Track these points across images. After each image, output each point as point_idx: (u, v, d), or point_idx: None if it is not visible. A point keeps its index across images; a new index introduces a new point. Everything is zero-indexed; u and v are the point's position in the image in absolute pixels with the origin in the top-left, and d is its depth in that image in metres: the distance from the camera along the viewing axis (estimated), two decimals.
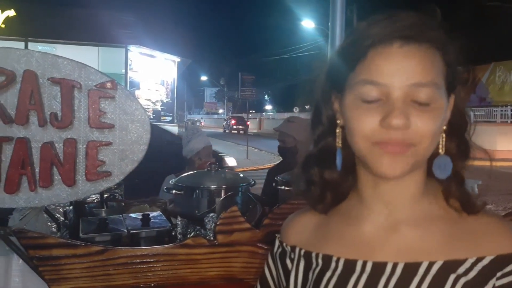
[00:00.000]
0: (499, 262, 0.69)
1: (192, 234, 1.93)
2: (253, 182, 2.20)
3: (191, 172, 2.53)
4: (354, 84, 0.74)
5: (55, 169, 1.72)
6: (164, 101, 19.73)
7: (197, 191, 2.08)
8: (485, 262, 0.70)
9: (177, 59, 20.29)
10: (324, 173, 0.84)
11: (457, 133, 0.80)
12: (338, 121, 0.81)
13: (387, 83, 0.71)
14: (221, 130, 42.16)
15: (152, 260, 1.71)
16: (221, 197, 2.05)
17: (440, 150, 0.77)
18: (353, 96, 0.74)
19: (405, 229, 0.77)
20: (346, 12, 4.22)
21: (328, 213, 0.87)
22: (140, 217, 2.12)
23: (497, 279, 0.69)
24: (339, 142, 0.81)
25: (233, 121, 40.10)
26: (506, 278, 0.68)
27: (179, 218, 2.11)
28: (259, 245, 1.69)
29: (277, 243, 0.94)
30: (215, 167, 2.25)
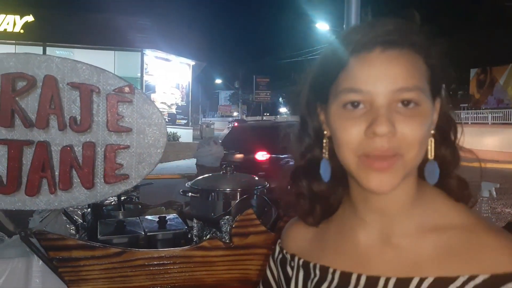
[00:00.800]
0: (493, 282, 0.65)
1: (208, 237, 1.95)
2: (268, 185, 2.21)
3: (206, 175, 2.55)
4: (338, 93, 0.72)
5: (74, 172, 1.75)
6: (179, 104, 19.88)
7: (213, 193, 2.10)
8: (477, 281, 0.66)
9: (192, 63, 20.43)
10: (313, 186, 0.83)
11: (446, 137, 0.78)
12: (325, 132, 0.80)
13: (370, 90, 0.69)
14: None
15: (168, 262, 1.73)
16: (237, 199, 2.06)
17: (429, 156, 0.75)
18: (337, 106, 0.73)
19: (398, 241, 0.75)
20: (360, 13, 4.21)
21: (323, 223, 0.87)
22: (157, 219, 2.14)
23: None
24: (325, 154, 0.80)
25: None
26: None
27: (195, 221, 2.13)
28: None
29: (277, 248, 0.95)
30: (230, 170, 2.27)
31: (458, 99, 28.79)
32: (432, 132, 0.75)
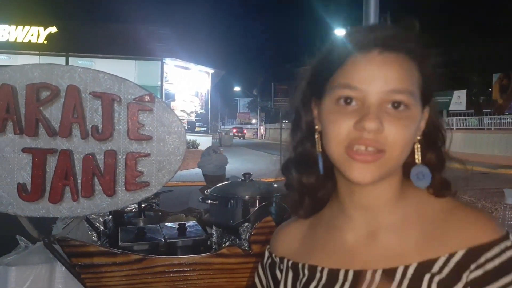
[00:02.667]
0: (471, 255, 0.69)
1: (227, 244, 1.95)
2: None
3: (226, 182, 2.56)
4: (332, 88, 0.76)
5: (96, 180, 1.78)
6: (199, 112, 20.03)
7: (232, 201, 2.11)
8: (457, 257, 0.70)
9: (211, 71, 20.59)
10: (302, 178, 0.86)
11: (433, 144, 0.81)
12: (317, 127, 0.83)
13: (363, 88, 0.72)
14: (253, 140, 47.23)
15: (188, 269, 1.74)
16: (256, 207, 2.06)
17: (417, 161, 0.78)
18: (330, 100, 0.76)
19: (383, 235, 0.78)
20: (379, 20, 4.20)
21: (314, 222, 0.89)
22: (177, 226, 2.16)
23: (471, 271, 0.69)
24: (319, 148, 0.83)
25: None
26: (481, 269, 0.68)
27: (214, 228, 2.14)
28: None
29: (266, 254, 0.96)
30: (248, 177, 2.28)
31: (480, 104, 28.27)
32: (419, 138, 0.78)
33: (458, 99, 21.80)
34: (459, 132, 20.88)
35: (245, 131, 55.05)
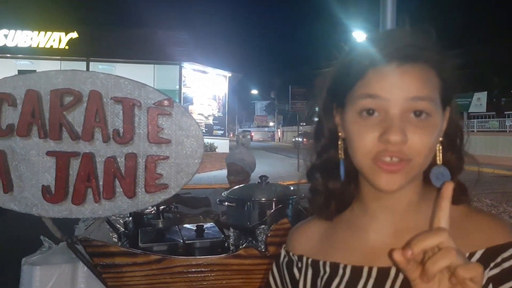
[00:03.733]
0: (489, 254, 0.73)
1: (244, 245, 1.98)
2: (303, 195, 2.22)
3: (243, 185, 2.59)
4: (354, 98, 0.77)
5: (117, 182, 1.83)
6: (216, 115, 20.14)
7: (249, 203, 2.13)
8: (477, 256, 0.74)
9: (228, 74, 20.69)
10: (328, 183, 0.88)
11: (453, 143, 0.83)
12: (340, 134, 0.84)
13: (386, 97, 0.74)
14: (270, 142, 47.67)
15: (206, 269, 1.77)
16: (272, 209, 2.08)
17: (438, 161, 0.80)
18: (353, 112, 0.77)
19: (407, 235, 0.78)
20: (396, 22, 4.18)
21: (333, 222, 0.91)
22: (195, 228, 2.20)
23: (490, 269, 0.72)
24: (341, 154, 0.85)
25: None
26: (499, 267, 0.72)
27: (231, 230, 2.17)
28: None
29: (283, 253, 0.97)
30: (265, 180, 2.31)
31: (501, 106, 27.71)
32: (441, 139, 0.80)
33: (478, 101, 21.42)
34: (480, 135, 20.50)
35: (252, 134, 57.42)
